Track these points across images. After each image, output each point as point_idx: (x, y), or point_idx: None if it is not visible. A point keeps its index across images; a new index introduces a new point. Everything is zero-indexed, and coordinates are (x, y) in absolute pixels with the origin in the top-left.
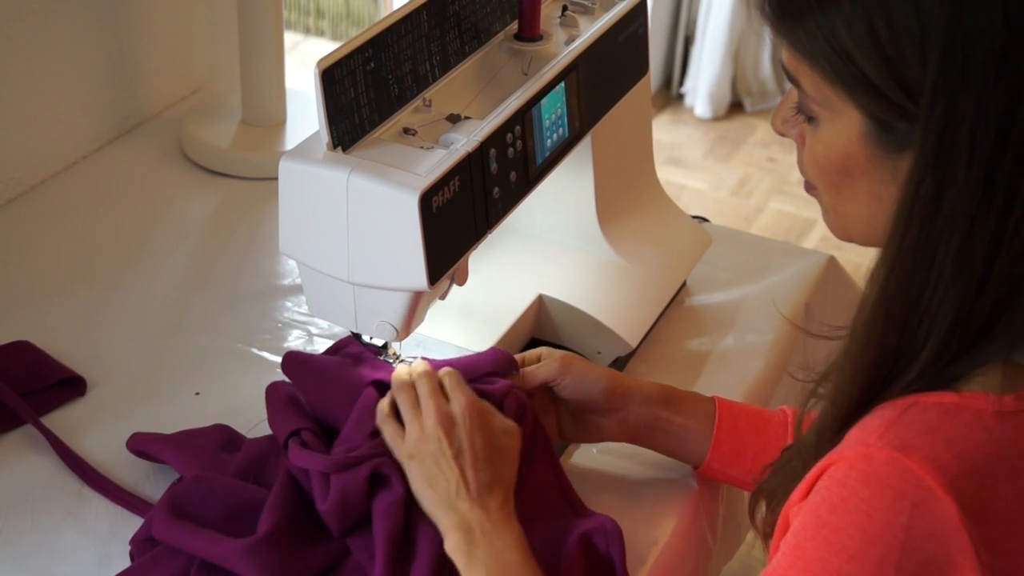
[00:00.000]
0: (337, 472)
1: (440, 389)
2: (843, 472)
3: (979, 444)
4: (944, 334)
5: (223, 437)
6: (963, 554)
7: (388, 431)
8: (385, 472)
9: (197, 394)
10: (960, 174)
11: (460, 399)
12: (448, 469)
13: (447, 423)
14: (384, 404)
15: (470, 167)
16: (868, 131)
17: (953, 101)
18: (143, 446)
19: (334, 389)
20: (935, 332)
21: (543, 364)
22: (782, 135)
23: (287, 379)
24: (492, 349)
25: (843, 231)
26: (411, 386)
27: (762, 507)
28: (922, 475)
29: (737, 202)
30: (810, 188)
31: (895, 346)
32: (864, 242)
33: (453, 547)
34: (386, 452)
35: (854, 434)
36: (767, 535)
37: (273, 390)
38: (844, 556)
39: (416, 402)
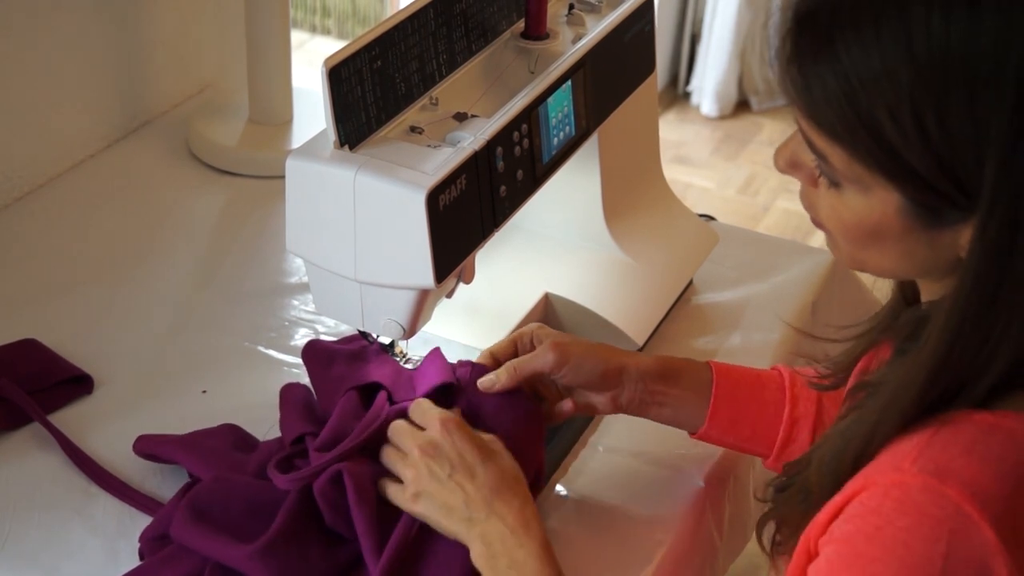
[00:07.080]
0: (303, 483)
1: (415, 427)
2: (878, 500)
3: (1014, 465)
4: (995, 378)
5: (235, 437)
6: None
7: (390, 490)
8: (342, 472)
9: (204, 392)
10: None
11: (432, 422)
12: (451, 491)
13: (430, 450)
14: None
15: (477, 165)
16: (907, 208)
17: (1017, 200)
18: (150, 448)
19: (334, 384)
20: (986, 379)
21: (537, 354)
22: (786, 174)
23: (300, 376)
24: (433, 360)
25: (857, 267)
26: (393, 445)
27: (771, 528)
28: (960, 502)
29: (744, 200)
30: (820, 225)
31: (945, 387)
32: (879, 277)
33: (477, 556)
34: (345, 457)
35: (885, 458)
36: (774, 554)
37: (287, 392)
38: None
39: (400, 453)
